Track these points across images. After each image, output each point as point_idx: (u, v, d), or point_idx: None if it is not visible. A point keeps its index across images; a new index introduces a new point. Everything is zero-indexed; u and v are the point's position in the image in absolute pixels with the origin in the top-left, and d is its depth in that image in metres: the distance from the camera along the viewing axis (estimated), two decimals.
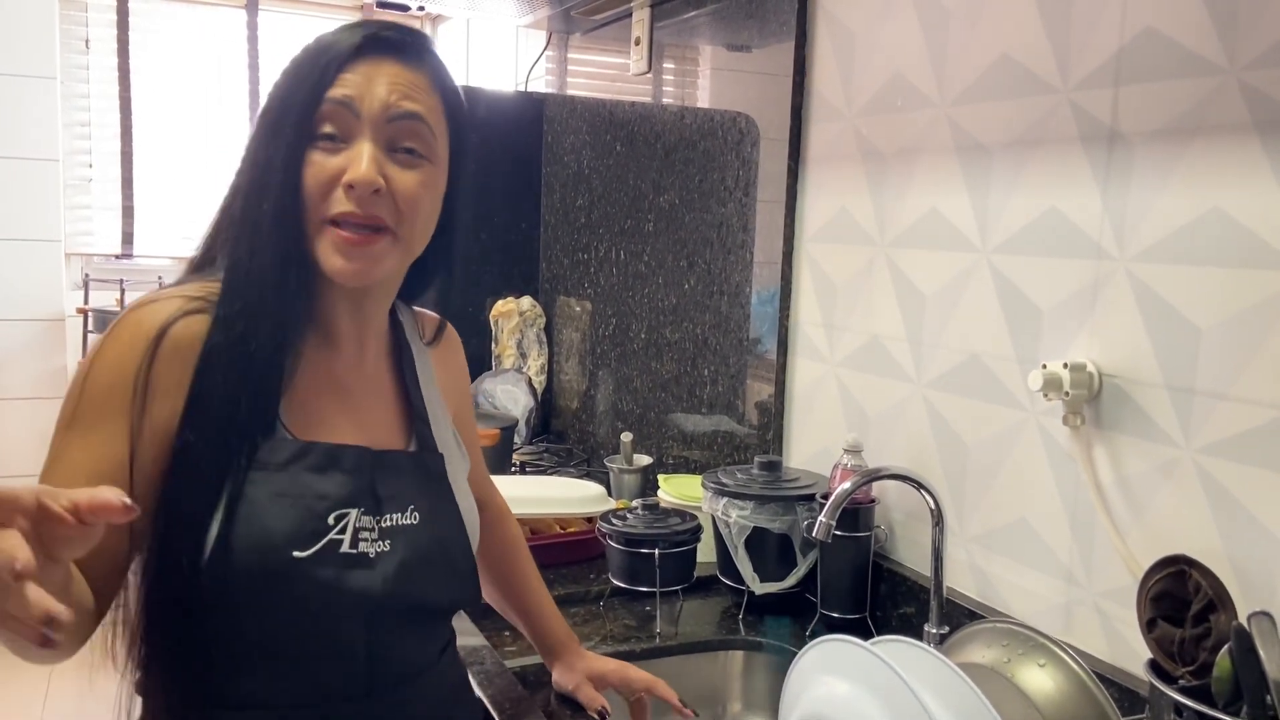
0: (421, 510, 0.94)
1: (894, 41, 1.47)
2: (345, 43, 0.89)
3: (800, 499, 1.47)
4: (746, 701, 1.47)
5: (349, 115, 0.88)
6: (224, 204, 0.93)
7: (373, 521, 0.90)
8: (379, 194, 0.87)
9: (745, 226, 1.82)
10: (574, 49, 2.60)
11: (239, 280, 0.88)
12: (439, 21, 3.82)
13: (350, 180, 0.86)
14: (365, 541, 0.89)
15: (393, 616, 0.91)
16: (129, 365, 0.84)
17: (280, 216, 0.87)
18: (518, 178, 2.70)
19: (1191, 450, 1.07)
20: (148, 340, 0.84)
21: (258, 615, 0.85)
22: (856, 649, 0.93)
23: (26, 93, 3.35)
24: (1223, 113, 1.03)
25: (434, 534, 0.95)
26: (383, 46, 0.90)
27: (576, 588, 1.58)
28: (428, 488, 0.97)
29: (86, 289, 3.48)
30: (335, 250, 0.88)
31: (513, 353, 2.63)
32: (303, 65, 0.89)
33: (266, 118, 0.90)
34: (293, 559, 0.85)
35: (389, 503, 0.92)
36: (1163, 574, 0.93)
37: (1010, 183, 1.28)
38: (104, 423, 0.84)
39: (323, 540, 0.87)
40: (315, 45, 0.91)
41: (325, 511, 0.88)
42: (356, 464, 0.91)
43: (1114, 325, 1.15)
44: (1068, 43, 1.20)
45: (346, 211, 0.87)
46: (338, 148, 0.88)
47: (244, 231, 0.89)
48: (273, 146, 0.88)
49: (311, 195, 0.87)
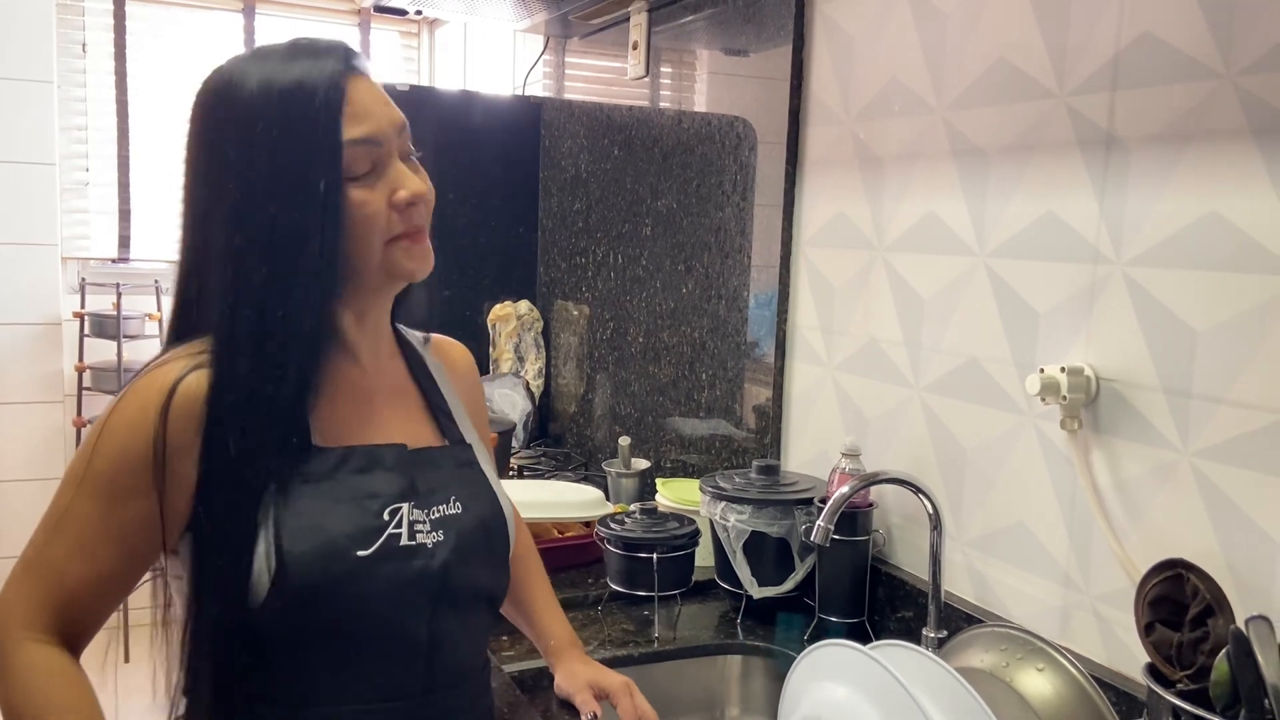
0: (462, 499, 0.98)
1: (891, 46, 1.47)
2: (324, 76, 0.88)
3: (798, 503, 1.47)
4: (745, 706, 1.47)
5: (374, 148, 0.90)
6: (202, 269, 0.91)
7: (423, 514, 0.94)
8: (419, 201, 0.93)
9: (743, 231, 1.82)
10: (571, 53, 2.60)
11: (248, 337, 0.88)
12: (436, 25, 3.83)
13: (412, 196, 0.91)
14: (421, 533, 0.93)
15: (450, 605, 0.95)
16: (143, 429, 0.86)
17: (324, 267, 0.89)
18: (515, 182, 2.70)
19: (1189, 454, 1.07)
20: (160, 402, 0.87)
21: (326, 622, 0.88)
22: (855, 654, 0.93)
23: (23, 97, 3.35)
24: (1219, 117, 1.04)
25: (478, 519, 0.98)
26: (351, 66, 0.91)
27: (574, 592, 1.57)
28: (463, 477, 1.00)
29: (83, 293, 3.48)
30: (409, 256, 0.93)
31: (510, 357, 2.63)
32: (291, 113, 0.87)
33: (261, 177, 0.87)
34: (357, 559, 0.88)
35: (433, 495, 0.96)
36: (1160, 578, 0.93)
37: (1007, 187, 1.28)
38: (116, 484, 0.87)
39: (382, 536, 0.90)
40: (292, 86, 0.88)
41: (379, 509, 0.91)
42: (397, 461, 0.94)
43: (1111, 329, 1.15)
44: (1064, 47, 1.20)
45: (414, 227, 0.92)
46: (372, 179, 0.90)
47: (263, 293, 0.87)
48: (294, 201, 0.87)
49: (374, 225, 0.90)
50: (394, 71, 3.89)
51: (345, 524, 0.88)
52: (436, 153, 2.62)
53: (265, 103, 0.88)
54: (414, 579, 0.91)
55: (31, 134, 3.37)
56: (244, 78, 0.89)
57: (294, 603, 0.86)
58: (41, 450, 3.42)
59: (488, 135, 2.66)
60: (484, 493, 1.01)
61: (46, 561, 0.88)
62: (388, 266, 0.93)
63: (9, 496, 3.39)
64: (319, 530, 0.87)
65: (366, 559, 0.88)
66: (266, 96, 0.88)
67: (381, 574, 0.89)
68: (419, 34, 3.91)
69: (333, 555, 0.87)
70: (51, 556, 0.88)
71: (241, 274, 0.88)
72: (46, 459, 3.42)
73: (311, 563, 0.86)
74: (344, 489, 0.90)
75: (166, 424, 0.86)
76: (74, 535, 0.87)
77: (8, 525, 3.38)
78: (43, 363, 3.47)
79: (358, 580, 0.88)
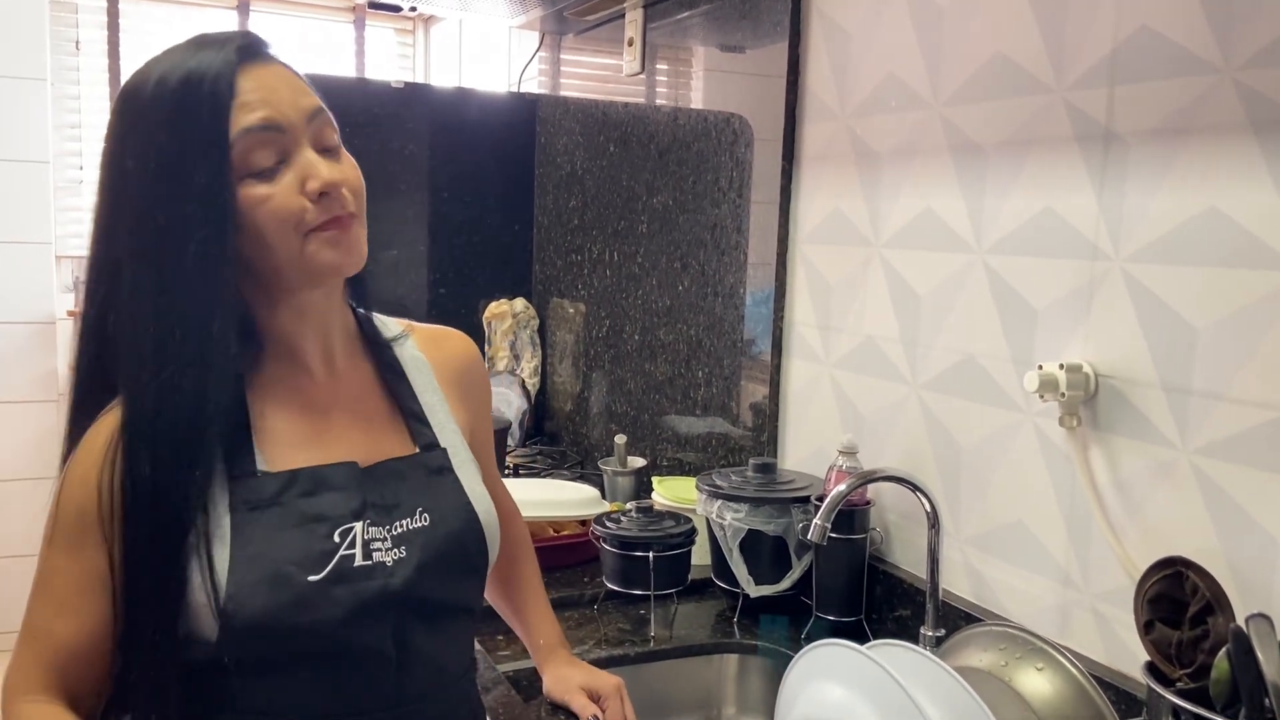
0: (431, 511, 0.94)
1: (888, 41, 1.46)
2: (218, 65, 0.84)
3: (795, 501, 1.47)
4: (741, 705, 1.46)
5: (275, 135, 0.85)
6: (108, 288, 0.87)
7: (383, 531, 0.90)
8: (341, 190, 0.87)
9: (739, 228, 1.81)
10: (567, 50, 2.59)
11: (150, 357, 0.84)
12: (431, 23, 3.81)
13: (323, 185, 0.85)
14: (379, 551, 0.89)
15: (417, 618, 0.92)
16: (90, 479, 0.85)
17: (217, 271, 0.84)
18: (510, 179, 2.69)
19: (1188, 451, 1.06)
20: (102, 451, 0.85)
21: (284, 646, 0.86)
22: (852, 653, 0.92)
23: (17, 95, 3.34)
24: (1219, 112, 1.03)
25: (448, 532, 0.94)
26: (253, 54, 0.87)
27: (570, 591, 1.57)
28: (433, 486, 0.96)
29: (77, 292, 3.46)
30: (328, 246, 0.87)
31: (506, 355, 2.62)
32: (190, 102, 0.83)
33: (151, 180, 0.83)
34: (309, 584, 0.85)
35: (395, 510, 0.92)
36: (1160, 576, 0.93)
37: (1005, 183, 1.28)
38: (79, 538, 0.85)
39: (334, 559, 0.87)
40: (180, 82, 0.83)
41: (329, 531, 0.88)
42: (346, 480, 0.91)
43: (1110, 326, 1.14)
44: (1062, 42, 1.19)
45: (331, 217, 0.86)
46: (279, 170, 0.85)
47: (159, 306, 0.83)
48: (182, 201, 0.82)
49: (284, 220, 0.85)
50: (389, 68, 3.87)
51: (292, 550, 0.86)
52: (431, 150, 2.61)
53: (156, 101, 0.84)
54: (371, 599, 0.88)
55: (25, 132, 3.35)
56: (144, 78, 0.85)
57: (248, 631, 0.83)
58: (35, 450, 3.40)
59: (483, 132, 2.65)
60: (456, 502, 0.96)
61: (36, 624, 0.87)
62: (306, 262, 0.87)
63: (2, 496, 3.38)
64: (265, 558, 0.85)
65: (318, 583, 0.85)
66: (159, 95, 0.84)
67: (336, 597, 0.86)
68: (414, 31, 3.90)
69: (281, 582, 0.84)
70: (40, 618, 0.87)
71: (138, 288, 0.84)
72: (40, 459, 3.40)
73: (262, 591, 0.84)
74: (290, 514, 0.87)
75: (113, 469, 0.84)
76: (54, 593, 0.86)
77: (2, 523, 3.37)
78: (36, 362, 3.45)
79: (312, 605, 0.85)
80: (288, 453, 0.90)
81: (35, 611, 0.87)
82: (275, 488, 0.88)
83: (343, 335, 0.98)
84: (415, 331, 1.06)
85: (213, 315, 0.84)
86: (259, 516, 0.86)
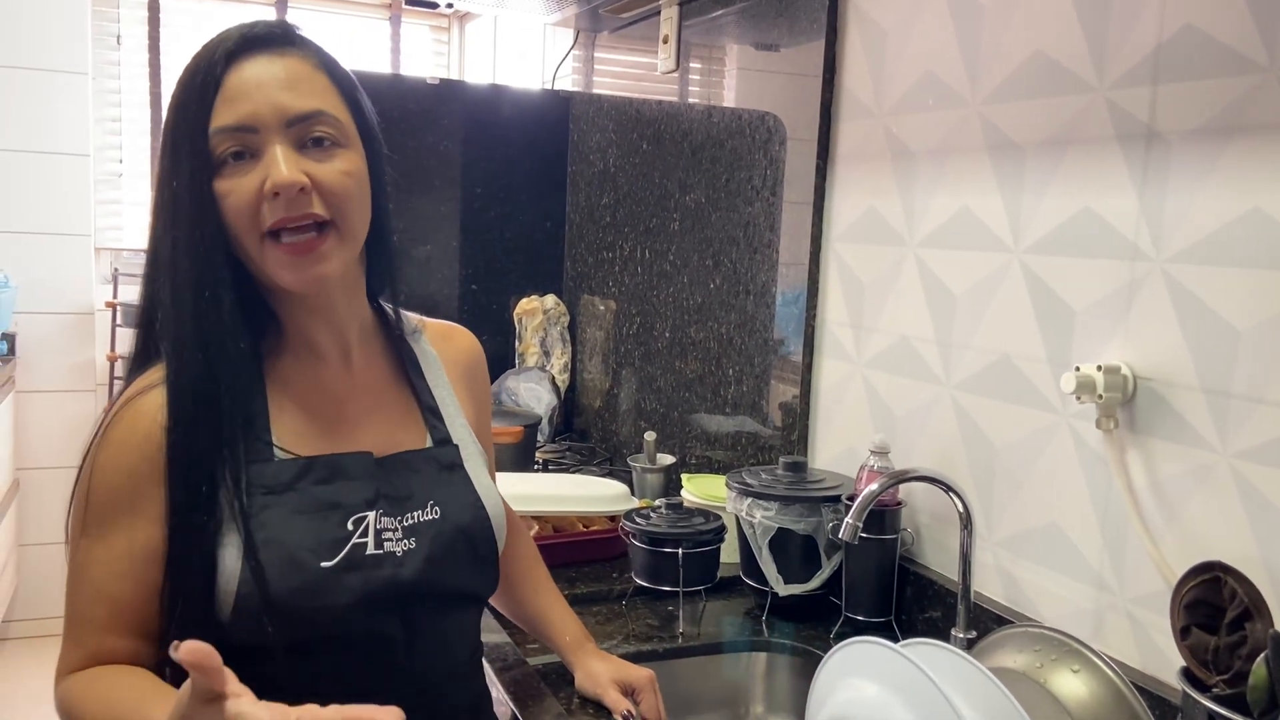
0: (442, 504, 0.95)
1: (926, 39, 1.45)
2: (212, 60, 0.86)
3: (826, 500, 1.46)
4: (769, 704, 1.46)
5: (247, 134, 0.86)
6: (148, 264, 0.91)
7: (394, 521, 0.92)
8: (305, 192, 0.86)
9: (772, 226, 1.81)
10: (601, 47, 2.60)
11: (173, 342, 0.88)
12: (467, 20, 3.83)
13: (273, 186, 0.84)
14: (390, 541, 0.91)
15: (425, 606, 0.93)
16: (130, 463, 0.86)
17: (201, 256, 0.86)
18: (543, 175, 2.70)
19: (1228, 455, 1.05)
20: (146, 434, 0.86)
21: (296, 629, 0.87)
22: (886, 651, 0.92)
23: (58, 88, 3.39)
24: (1263, 111, 1.01)
25: (457, 526, 0.96)
26: (254, 45, 0.88)
27: (599, 586, 1.57)
28: (445, 480, 0.97)
29: (116, 283, 3.52)
30: (282, 266, 0.87)
31: (536, 350, 2.63)
32: (184, 95, 0.87)
33: (164, 159, 0.88)
34: (322, 570, 0.87)
35: (408, 501, 0.94)
36: (1197, 580, 0.91)
37: (1044, 182, 1.26)
38: (120, 521, 0.86)
39: (346, 546, 0.88)
40: (190, 69, 0.87)
41: (343, 519, 0.89)
42: (360, 470, 0.92)
43: (1150, 327, 1.13)
44: (1104, 40, 1.18)
45: (280, 219, 0.85)
46: (248, 166, 0.86)
47: (174, 294, 0.87)
48: (176, 187, 0.86)
49: (241, 219, 0.86)
50: (424, 65, 3.90)
51: (307, 536, 0.87)
52: (465, 146, 2.62)
53: (173, 91, 0.89)
54: (381, 588, 0.89)
55: (66, 125, 3.41)
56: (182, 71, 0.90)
57: (261, 613, 0.85)
58: (73, 438, 3.46)
59: (517, 129, 2.66)
60: (466, 497, 0.98)
61: (76, 616, 0.88)
62: (266, 270, 0.88)
63: (42, 483, 3.44)
64: (280, 543, 0.86)
65: (331, 569, 0.87)
66: (175, 84, 0.89)
67: (347, 584, 0.88)
68: (449, 28, 3.93)
69: (296, 567, 0.86)
70: (79, 609, 0.88)
71: (156, 277, 0.89)
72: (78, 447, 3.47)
73: (275, 575, 0.85)
74: (306, 500, 0.89)
75: (158, 450, 0.86)
76: (90, 582, 0.87)
77: (41, 510, 3.43)
78: (75, 352, 3.51)
79: (323, 591, 0.87)
80: (304, 440, 0.92)
81: (73, 604, 0.88)
82: (291, 474, 0.89)
83: (360, 329, 0.99)
84: (426, 327, 1.08)
85: (212, 298, 0.86)
86: (274, 501, 0.87)
